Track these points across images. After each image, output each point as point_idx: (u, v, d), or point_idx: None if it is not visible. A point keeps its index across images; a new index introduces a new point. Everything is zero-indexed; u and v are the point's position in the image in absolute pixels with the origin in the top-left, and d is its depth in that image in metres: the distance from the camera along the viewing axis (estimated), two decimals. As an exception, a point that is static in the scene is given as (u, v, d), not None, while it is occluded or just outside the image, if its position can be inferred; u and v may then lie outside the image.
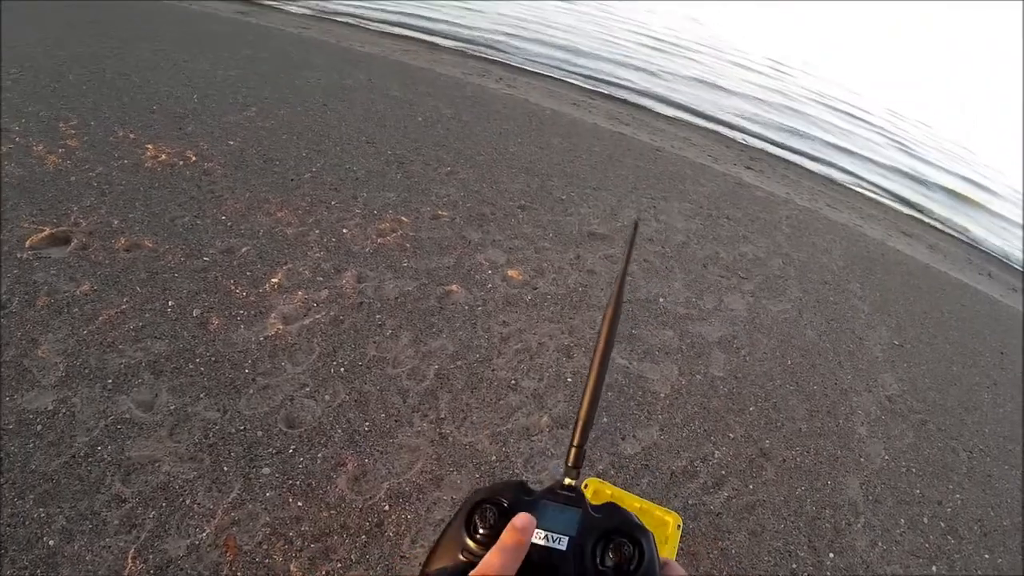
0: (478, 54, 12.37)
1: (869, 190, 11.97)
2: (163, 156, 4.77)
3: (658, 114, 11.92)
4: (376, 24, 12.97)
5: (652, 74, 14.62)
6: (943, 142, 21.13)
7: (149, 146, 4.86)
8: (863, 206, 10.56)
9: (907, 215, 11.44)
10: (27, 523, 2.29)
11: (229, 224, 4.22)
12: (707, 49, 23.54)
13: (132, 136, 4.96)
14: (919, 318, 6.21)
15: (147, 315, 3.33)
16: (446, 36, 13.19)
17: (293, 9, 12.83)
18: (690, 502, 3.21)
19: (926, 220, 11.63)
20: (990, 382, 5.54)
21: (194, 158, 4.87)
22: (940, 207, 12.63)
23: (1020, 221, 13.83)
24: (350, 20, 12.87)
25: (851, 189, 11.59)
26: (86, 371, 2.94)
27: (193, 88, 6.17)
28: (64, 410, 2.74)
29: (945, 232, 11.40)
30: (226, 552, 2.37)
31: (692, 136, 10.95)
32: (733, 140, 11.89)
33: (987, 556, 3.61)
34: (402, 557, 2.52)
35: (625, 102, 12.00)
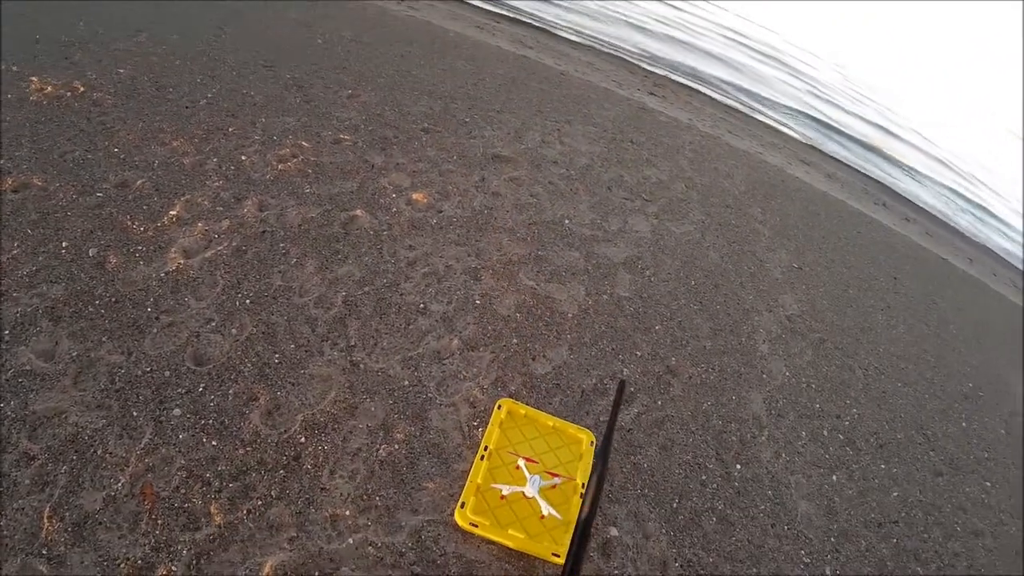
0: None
1: (771, 119, 12.30)
2: (49, 88, 4.45)
3: (562, 38, 11.79)
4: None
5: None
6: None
7: (34, 78, 4.51)
8: (764, 134, 10.85)
9: (806, 144, 11.84)
10: None
11: (122, 157, 4.02)
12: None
13: (15, 69, 4.58)
14: (817, 243, 6.55)
15: (41, 259, 3.18)
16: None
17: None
18: (601, 419, 3.39)
19: (823, 150, 12.09)
20: (884, 305, 5.96)
21: (82, 89, 4.56)
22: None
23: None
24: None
25: (752, 117, 11.84)
26: (-21, 321, 2.81)
27: (79, 13, 5.71)
28: (-42, 365, 2.62)
29: (842, 162, 11.91)
30: (144, 500, 2.38)
31: (596, 61, 10.90)
32: (637, 66, 11.89)
33: (883, 466, 3.97)
34: (322, 489, 2.60)
35: (529, 25, 11.80)
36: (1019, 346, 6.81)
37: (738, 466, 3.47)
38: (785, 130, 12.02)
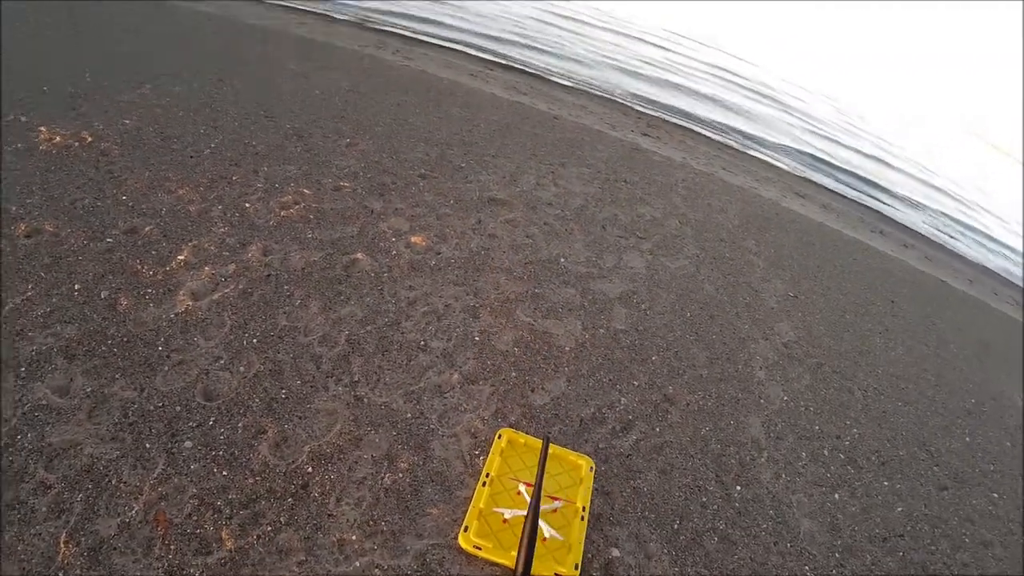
0: (374, 26, 12.20)
1: (765, 155, 12.51)
2: (57, 138, 4.64)
3: (556, 83, 12.10)
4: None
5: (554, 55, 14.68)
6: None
7: (42, 128, 4.71)
8: (758, 169, 11.07)
9: (800, 177, 12.03)
10: None
11: (131, 204, 4.18)
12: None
13: (24, 119, 4.79)
14: (813, 271, 6.67)
15: (54, 300, 3.31)
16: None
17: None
18: (600, 446, 3.46)
19: (818, 182, 12.27)
20: (882, 328, 6.04)
21: (90, 139, 4.75)
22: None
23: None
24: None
25: (746, 153, 12.08)
26: (-5, 361, 2.92)
27: (85, 67, 5.95)
28: (-23, 403, 2.72)
29: (838, 193, 12.08)
30: (157, 527, 2.45)
31: (589, 104, 11.19)
32: (631, 108, 12.17)
33: (886, 483, 4.00)
34: (329, 515, 2.67)
35: (523, 72, 12.10)
36: (1020, 361, 6.85)
37: (738, 487, 3.52)
38: (780, 164, 12.22)
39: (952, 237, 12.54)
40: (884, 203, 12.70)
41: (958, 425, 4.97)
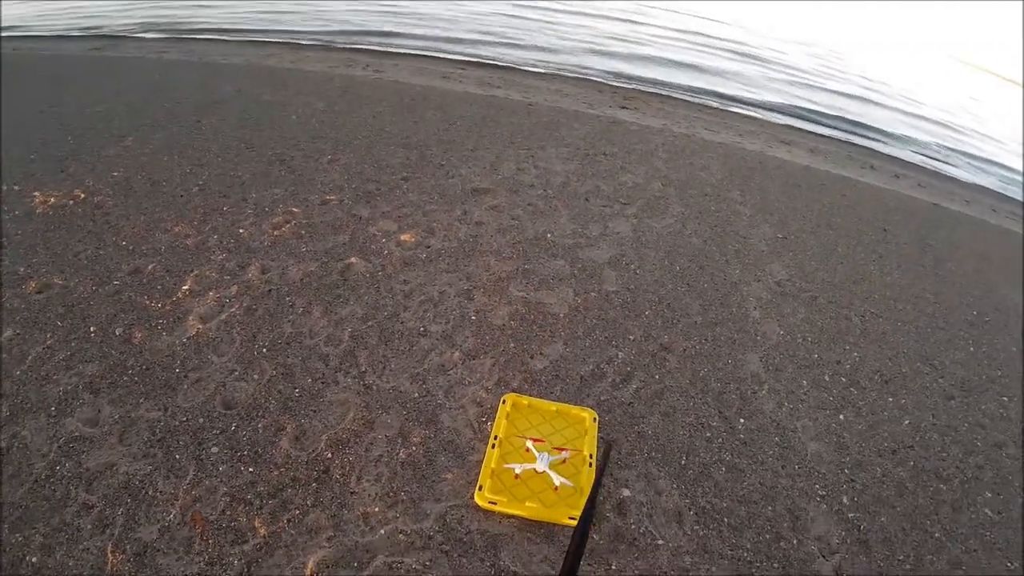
0: (342, 46, 12.41)
1: (747, 110, 12.55)
2: (52, 200, 4.87)
3: (529, 72, 12.20)
4: (236, 35, 12.84)
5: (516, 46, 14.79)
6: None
7: (36, 193, 4.94)
8: (740, 124, 11.08)
9: (784, 125, 12.02)
10: (8, 550, 2.49)
11: (131, 248, 4.39)
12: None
13: (17, 188, 5.02)
14: (801, 212, 6.77)
15: (73, 344, 3.52)
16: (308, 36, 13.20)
17: (148, 35, 12.59)
18: (602, 399, 3.62)
19: (804, 127, 12.27)
20: (875, 256, 6.12)
21: (83, 195, 4.98)
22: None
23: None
24: (210, 35, 12.72)
25: (727, 111, 12.07)
26: (28, 406, 3.12)
27: (66, 130, 6.19)
28: (16, 444, 2.93)
29: (824, 136, 12.07)
30: (195, 526, 2.65)
31: (564, 87, 11.29)
32: (606, 84, 12.26)
33: (891, 399, 4.11)
34: (352, 493, 2.85)
35: (496, 66, 12.22)
36: (1021, 270, 6.93)
37: (742, 420, 3.66)
38: (763, 116, 12.22)
39: (945, 163, 12.53)
40: (873, 139, 12.70)
41: (961, 337, 5.06)
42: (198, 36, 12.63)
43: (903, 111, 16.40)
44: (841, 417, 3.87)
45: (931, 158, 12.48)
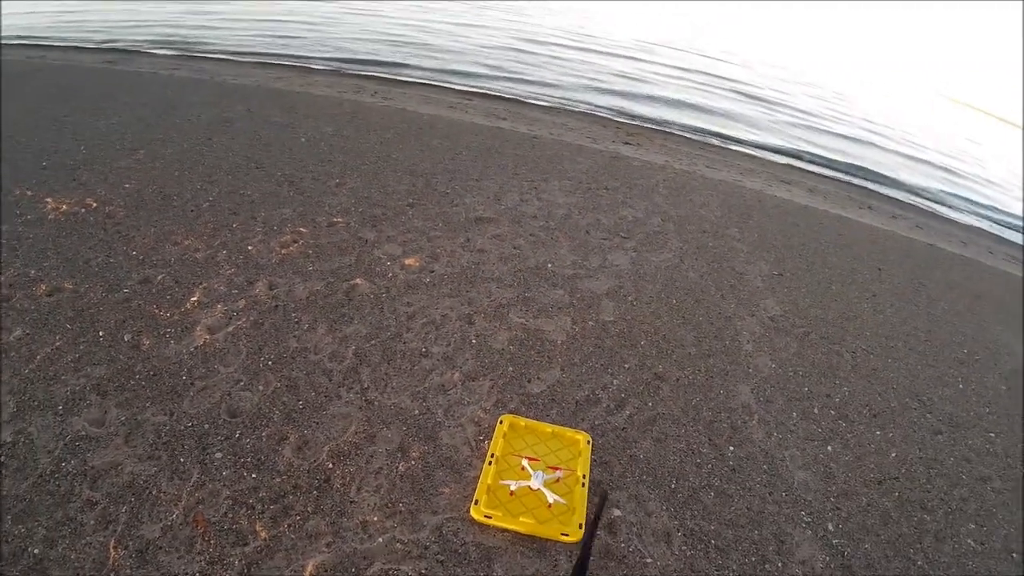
0: (351, 72, 12.66)
1: (747, 147, 12.77)
2: (64, 207, 5.00)
3: (534, 105, 12.46)
4: (247, 56, 13.12)
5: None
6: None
7: (48, 199, 5.07)
8: (742, 163, 11.30)
9: (785, 165, 12.23)
10: (9, 540, 2.56)
11: (141, 258, 4.51)
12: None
13: (30, 193, 5.16)
14: (797, 250, 6.91)
15: (82, 347, 3.62)
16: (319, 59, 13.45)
17: (160, 52, 12.85)
18: (596, 423, 3.71)
19: (804, 167, 12.48)
20: (869, 295, 6.24)
21: (95, 204, 5.11)
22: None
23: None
24: (220, 56, 12.99)
25: (728, 149, 12.31)
26: (35, 403, 3.21)
27: (78, 140, 6.35)
28: (22, 439, 3.00)
29: (825, 176, 12.27)
30: (197, 526, 2.72)
31: (569, 122, 11.53)
32: (610, 120, 12.50)
33: (879, 433, 4.20)
34: (352, 502, 2.93)
35: (502, 98, 12.48)
36: (1014, 311, 7.04)
37: (731, 448, 3.75)
38: (764, 156, 12.42)
39: (941, 204, 12.74)
40: (872, 181, 12.91)
41: (950, 375, 5.16)
42: (208, 56, 12.89)
43: (905, 154, 16.71)
44: (829, 448, 3.95)
45: (926, 198, 12.70)
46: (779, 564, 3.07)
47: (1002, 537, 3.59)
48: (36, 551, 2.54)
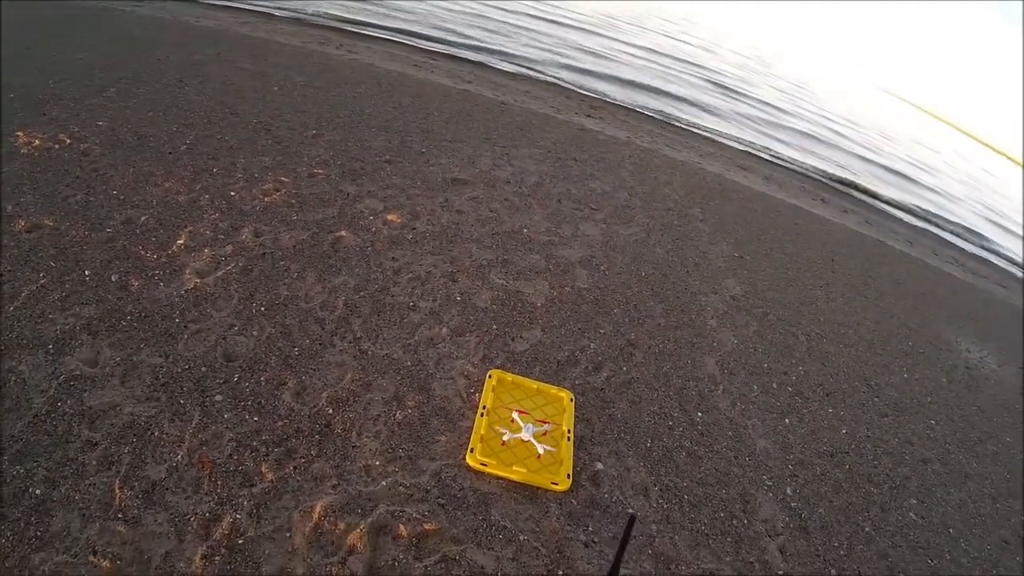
0: (314, 22, 12.39)
1: (706, 131, 13.04)
2: (36, 141, 4.84)
3: (498, 70, 12.45)
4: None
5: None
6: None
7: (19, 133, 4.90)
8: (701, 145, 11.62)
9: (742, 151, 12.57)
10: (8, 481, 2.53)
11: (122, 198, 4.43)
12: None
13: (-2, 125, 4.99)
14: (756, 235, 7.24)
15: (68, 286, 3.56)
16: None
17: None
18: (577, 382, 3.88)
19: (762, 155, 12.84)
20: (823, 283, 6.63)
21: (68, 140, 4.97)
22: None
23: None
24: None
25: (689, 131, 12.57)
26: (23, 342, 3.15)
27: (45, 74, 6.10)
28: (13, 378, 2.95)
29: (779, 165, 12.66)
30: (202, 467, 2.77)
31: (533, 90, 11.62)
32: (573, 91, 12.60)
33: (831, 410, 4.52)
34: (354, 447, 3.03)
35: (466, 61, 12.43)
36: (956, 310, 7.56)
37: (699, 414, 3.97)
38: (723, 140, 12.74)
39: (890, 204, 13.28)
40: (830, 174, 13.37)
41: (896, 364, 5.53)
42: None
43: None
44: (786, 421, 4.22)
45: (877, 199, 13.22)
46: (745, 521, 3.30)
47: (940, 514, 3.93)
48: (38, 491, 2.53)
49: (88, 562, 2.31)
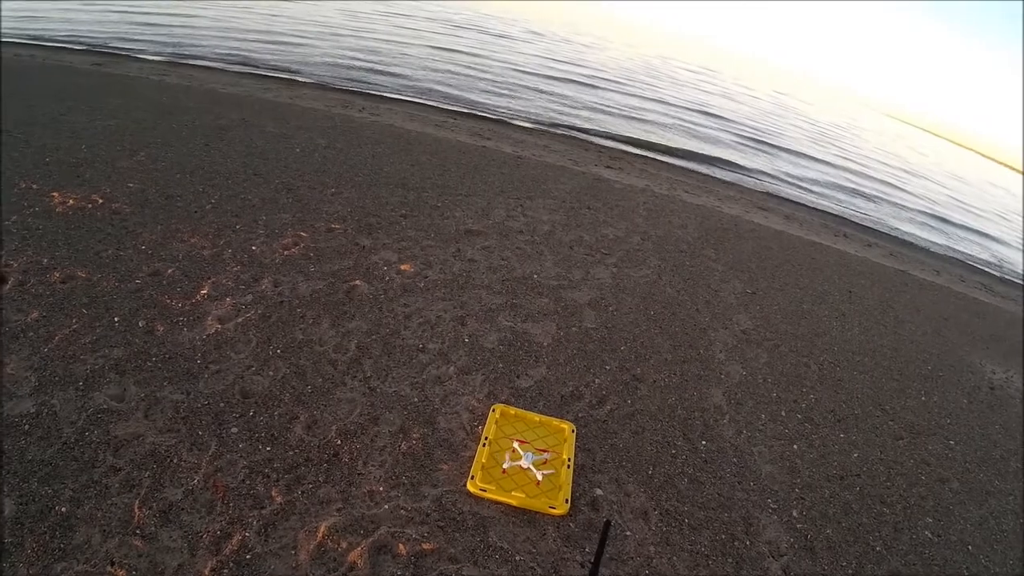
0: (337, 87, 12.95)
1: (727, 177, 13.19)
2: (71, 201, 5.21)
3: (518, 126, 12.84)
4: (232, 66, 13.35)
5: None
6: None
7: (55, 194, 5.28)
8: (720, 189, 11.78)
9: (762, 192, 12.67)
10: (36, 499, 2.75)
11: (150, 252, 4.74)
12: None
13: (35, 187, 5.36)
14: (770, 271, 7.32)
15: (98, 330, 3.83)
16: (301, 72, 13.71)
17: (148, 57, 13.04)
18: (580, 415, 4.00)
19: (782, 195, 12.93)
20: (838, 314, 6.65)
21: (100, 200, 5.33)
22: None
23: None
24: (206, 63, 13.22)
25: (709, 176, 12.75)
26: (56, 379, 3.40)
27: (78, 139, 6.56)
28: (46, 411, 3.20)
29: (802, 204, 12.72)
30: (216, 491, 2.95)
31: (552, 143, 11.94)
32: (591, 143, 12.91)
33: (842, 435, 4.53)
34: (359, 474, 3.18)
35: (486, 119, 12.86)
36: (980, 332, 7.46)
37: (704, 442, 4.04)
38: (742, 182, 12.84)
39: (922, 234, 13.21)
40: (849, 209, 13.38)
41: (914, 388, 5.52)
42: (195, 63, 13.09)
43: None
44: (795, 447, 4.26)
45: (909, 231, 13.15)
46: (747, 542, 3.35)
47: (958, 531, 3.89)
48: (63, 509, 2.73)
49: (106, 572, 2.49)
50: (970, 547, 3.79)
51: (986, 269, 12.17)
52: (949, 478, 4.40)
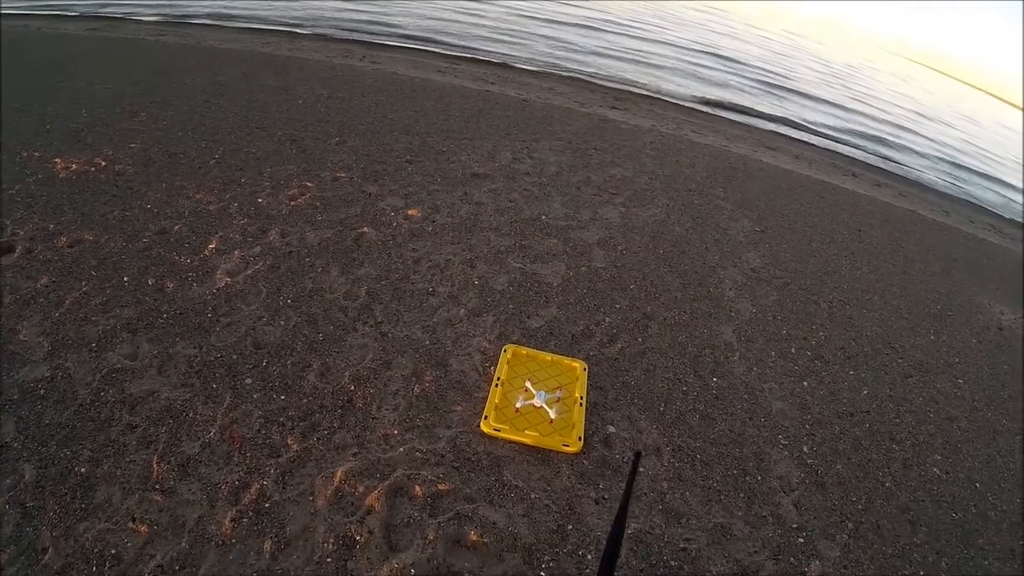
0: (337, 36, 12.75)
1: (736, 116, 12.98)
2: (74, 166, 5.19)
3: (522, 70, 12.64)
4: (231, 22, 13.15)
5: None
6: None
7: (57, 160, 5.26)
8: (728, 128, 11.62)
9: (771, 131, 12.48)
10: (56, 462, 2.79)
11: (155, 211, 4.73)
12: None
13: (37, 154, 5.33)
14: (779, 210, 7.25)
15: (108, 291, 3.85)
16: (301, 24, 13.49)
17: (145, 18, 12.85)
18: (591, 354, 4.02)
19: (790, 134, 12.73)
20: (848, 253, 6.60)
21: (103, 163, 5.31)
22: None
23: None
24: (205, 21, 13.02)
25: (716, 116, 12.55)
26: (69, 342, 3.43)
27: (78, 104, 6.50)
28: (60, 374, 3.23)
29: (810, 144, 12.52)
30: (233, 443, 2.99)
31: (556, 86, 11.77)
32: (598, 85, 12.70)
33: (852, 372, 4.53)
34: (373, 419, 3.22)
35: (489, 63, 12.66)
36: (990, 274, 7.41)
37: (715, 379, 4.06)
38: (750, 122, 12.64)
39: (922, 172, 13.04)
40: (858, 149, 13.17)
41: (923, 326, 5.50)
42: (193, 21, 12.90)
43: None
44: (805, 383, 4.27)
45: (913, 168, 12.98)
46: (758, 477, 3.38)
47: (966, 468, 3.92)
48: (83, 470, 2.77)
49: (128, 528, 2.54)
50: (978, 484, 3.82)
51: (994, 210, 12.01)
52: (957, 416, 4.41)
